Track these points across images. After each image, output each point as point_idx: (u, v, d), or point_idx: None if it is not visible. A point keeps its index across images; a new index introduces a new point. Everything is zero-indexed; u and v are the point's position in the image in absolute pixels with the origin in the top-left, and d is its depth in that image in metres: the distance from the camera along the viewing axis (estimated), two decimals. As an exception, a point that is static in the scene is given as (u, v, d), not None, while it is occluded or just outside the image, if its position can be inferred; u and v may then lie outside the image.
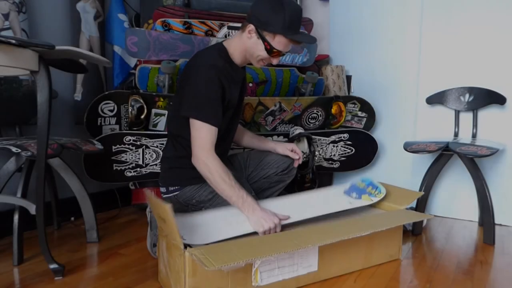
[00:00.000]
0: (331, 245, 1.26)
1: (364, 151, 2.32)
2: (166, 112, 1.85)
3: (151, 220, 1.47)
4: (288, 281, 1.24)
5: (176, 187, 1.49)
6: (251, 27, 1.38)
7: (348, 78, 2.48)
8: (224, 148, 1.58)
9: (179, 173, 1.49)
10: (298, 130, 2.06)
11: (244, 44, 1.42)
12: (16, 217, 1.44)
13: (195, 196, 1.48)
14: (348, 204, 1.57)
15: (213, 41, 1.90)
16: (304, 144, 2.05)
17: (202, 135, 1.33)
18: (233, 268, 1.09)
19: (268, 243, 1.13)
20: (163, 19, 1.85)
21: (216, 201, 1.47)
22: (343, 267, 1.37)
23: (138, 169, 1.85)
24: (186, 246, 1.08)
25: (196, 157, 1.34)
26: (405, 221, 1.53)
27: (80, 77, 2.03)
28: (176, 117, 1.47)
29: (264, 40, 1.37)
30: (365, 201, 1.60)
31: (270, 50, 1.38)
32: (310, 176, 2.09)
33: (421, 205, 1.83)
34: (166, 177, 1.51)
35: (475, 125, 2.06)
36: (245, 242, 1.13)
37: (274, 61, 1.44)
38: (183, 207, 1.50)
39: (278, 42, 1.37)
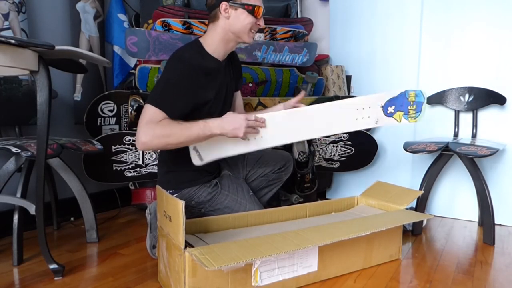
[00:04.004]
0: (331, 245, 1.26)
1: (364, 151, 2.31)
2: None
3: (151, 222, 1.47)
4: (288, 281, 1.24)
5: (174, 190, 1.49)
6: (223, 6, 1.36)
7: (348, 78, 2.48)
8: None
9: (177, 176, 1.48)
10: (298, 130, 2.05)
11: (224, 29, 1.39)
12: (16, 217, 1.44)
13: (194, 197, 1.48)
14: (355, 122, 1.41)
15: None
16: (304, 144, 2.04)
17: (146, 112, 1.27)
18: (233, 268, 1.09)
19: (268, 243, 1.13)
20: (163, 19, 1.85)
21: (215, 201, 1.48)
22: (343, 267, 1.37)
23: (138, 169, 1.85)
24: (186, 246, 1.07)
25: (143, 133, 1.23)
26: (405, 221, 1.52)
27: (80, 77, 2.03)
28: None
29: (243, 5, 1.36)
30: (389, 120, 1.41)
31: (252, 10, 1.36)
32: (310, 176, 2.09)
33: (421, 205, 1.83)
34: (164, 181, 1.51)
35: (475, 125, 2.06)
36: (245, 242, 1.13)
37: (261, 22, 1.41)
38: None
39: None
